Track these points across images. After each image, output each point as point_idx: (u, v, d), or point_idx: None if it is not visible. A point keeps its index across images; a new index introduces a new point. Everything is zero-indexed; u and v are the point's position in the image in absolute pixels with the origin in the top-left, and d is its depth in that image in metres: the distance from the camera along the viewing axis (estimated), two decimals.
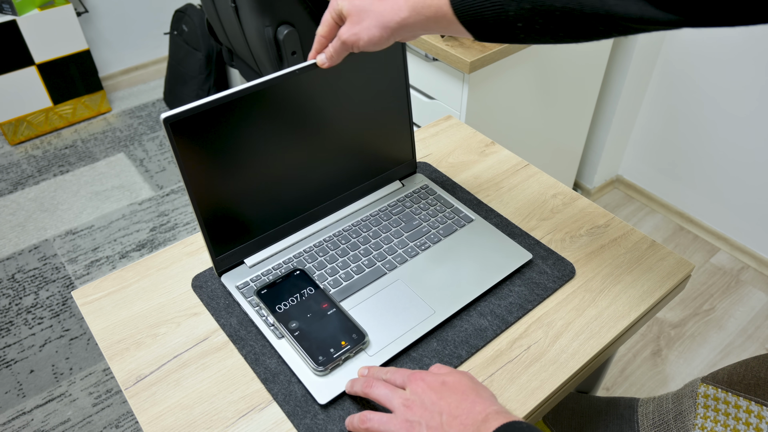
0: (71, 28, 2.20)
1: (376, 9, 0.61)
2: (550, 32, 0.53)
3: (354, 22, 0.62)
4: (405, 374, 0.56)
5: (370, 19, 0.61)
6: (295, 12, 1.47)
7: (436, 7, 0.57)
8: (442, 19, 0.58)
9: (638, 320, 0.71)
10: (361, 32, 0.62)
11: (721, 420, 0.66)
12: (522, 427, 0.48)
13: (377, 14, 0.61)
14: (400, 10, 0.60)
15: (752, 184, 1.68)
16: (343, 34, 0.63)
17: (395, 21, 0.60)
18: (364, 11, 0.61)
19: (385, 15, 0.60)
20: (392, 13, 0.60)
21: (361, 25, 0.61)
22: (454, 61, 1.21)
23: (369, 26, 0.61)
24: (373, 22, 0.61)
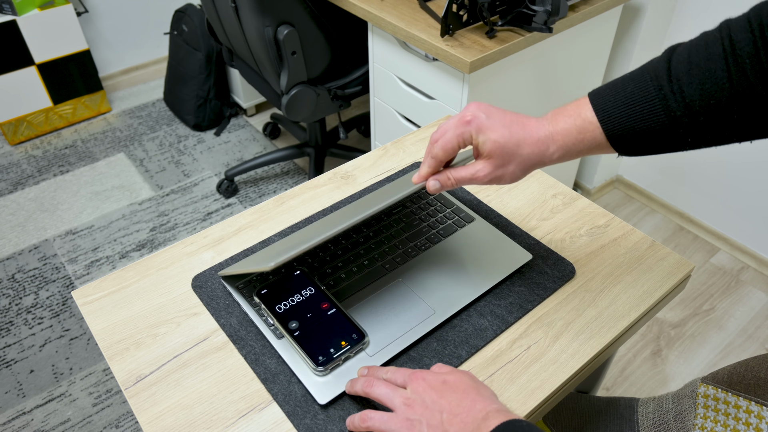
0: (71, 28, 2.20)
1: (524, 153, 0.56)
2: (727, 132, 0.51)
3: (497, 165, 0.56)
4: (406, 373, 0.56)
5: (516, 164, 0.56)
6: (295, 12, 1.47)
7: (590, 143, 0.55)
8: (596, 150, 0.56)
9: (638, 320, 0.71)
10: (505, 177, 0.57)
11: (721, 420, 0.66)
12: (522, 426, 0.48)
13: (525, 159, 0.56)
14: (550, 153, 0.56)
15: (752, 184, 1.68)
16: (482, 177, 0.57)
17: (544, 164, 0.57)
18: (511, 155, 0.56)
19: (533, 158, 0.56)
20: (542, 157, 0.56)
21: (506, 169, 0.57)
22: (454, 61, 1.21)
23: (514, 171, 0.57)
24: (518, 167, 0.57)
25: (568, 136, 0.56)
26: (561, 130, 0.56)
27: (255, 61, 1.66)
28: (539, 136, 0.56)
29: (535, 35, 1.28)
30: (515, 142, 0.56)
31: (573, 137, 0.55)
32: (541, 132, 0.56)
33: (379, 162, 0.93)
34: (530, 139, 0.56)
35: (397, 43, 1.39)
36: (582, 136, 0.55)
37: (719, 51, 0.50)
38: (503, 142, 0.55)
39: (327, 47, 1.59)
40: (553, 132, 0.56)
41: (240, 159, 2.24)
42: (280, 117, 2.29)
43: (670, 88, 0.51)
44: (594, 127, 0.55)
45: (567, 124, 0.56)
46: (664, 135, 0.53)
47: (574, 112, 0.56)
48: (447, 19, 1.22)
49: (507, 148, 0.56)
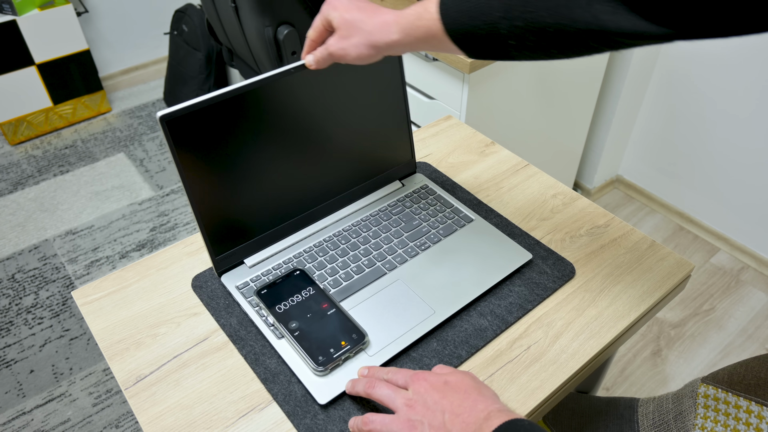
0: (71, 28, 2.20)
1: (366, 27, 0.60)
2: (542, 49, 0.53)
3: (342, 36, 0.61)
4: (407, 374, 0.56)
5: (359, 37, 0.61)
6: (295, 12, 1.47)
7: (426, 27, 0.57)
8: (433, 39, 0.58)
9: (638, 320, 0.71)
10: (349, 48, 0.61)
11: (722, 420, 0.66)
12: (524, 425, 0.48)
13: (366, 33, 0.60)
14: (390, 31, 0.59)
15: (752, 184, 1.68)
16: (331, 45, 0.62)
17: (384, 41, 0.60)
18: (354, 27, 0.61)
19: (374, 34, 0.60)
20: (382, 33, 0.60)
21: (350, 41, 0.61)
22: (454, 61, 1.21)
23: (357, 43, 0.61)
24: (361, 39, 0.61)
25: (407, 17, 0.59)
26: (404, 14, 0.60)
27: (255, 61, 1.66)
28: (385, 17, 0.60)
29: None
30: (360, 18, 0.61)
31: (411, 20, 0.59)
32: (387, 16, 0.61)
33: None
34: (375, 18, 0.60)
35: None
36: (419, 22, 0.58)
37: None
38: (348, 17, 0.61)
39: None
40: (397, 15, 0.60)
41: None
42: None
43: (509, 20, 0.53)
44: (432, 14, 0.57)
45: (410, 10, 0.59)
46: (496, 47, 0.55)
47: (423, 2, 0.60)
48: None
49: (350, 21, 0.61)
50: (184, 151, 0.64)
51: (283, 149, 0.72)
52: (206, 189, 0.67)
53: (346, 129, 0.77)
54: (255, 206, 0.72)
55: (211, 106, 0.64)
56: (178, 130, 0.62)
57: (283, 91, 0.69)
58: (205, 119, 0.64)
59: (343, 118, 0.76)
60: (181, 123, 0.62)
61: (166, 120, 0.61)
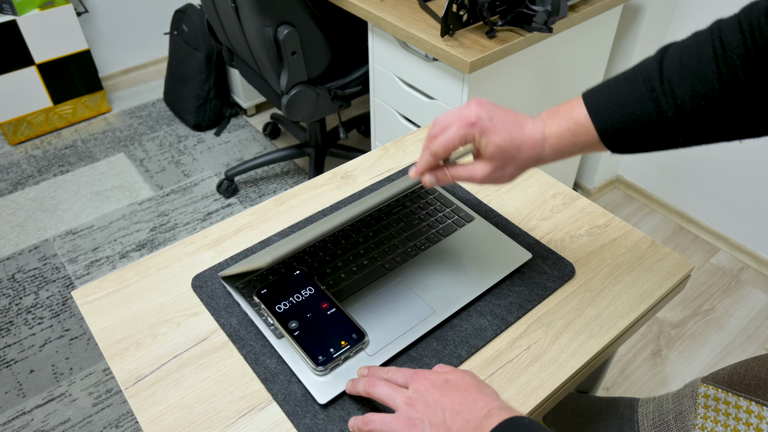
0: (71, 28, 2.20)
1: (523, 157, 0.57)
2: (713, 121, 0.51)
3: (497, 167, 0.58)
4: (407, 373, 0.56)
5: (514, 167, 0.58)
6: (295, 12, 1.47)
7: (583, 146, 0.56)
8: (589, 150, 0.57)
9: (638, 320, 0.71)
10: (503, 178, 0.59)
11: (722, 420, 0.66)
12: (524, 423, 0.48)
13: (522, 163, 0.58)
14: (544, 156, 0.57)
15: (752, 184, 1.68)
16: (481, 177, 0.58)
17: (538, 165, 0.59)
18: (511, 158, 0.57)
19: (529, 162, 0.58)
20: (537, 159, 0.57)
21: (504, 171, 0.58)
22: (454, 61, 1.21)
23: (511, 174, 0.58)
24: (516, 170, 0.58)
25: (562, 140, 0.57)
26: (555, 133, 0.57)
27: (255, 61, 1.66)
28: (536, 139, 0.57)
29: (535, 35, 1.28)
30: (516, 145, 0.57)
31: (567, 140, 0.57)
32: (537, 135, 0.57)
33: (379, 162, 0.93)
34: (529, 142, 0.57)
35: (397, 43, 1.39)
36: (575, 139, 0.56)
37: (710, 53, 0.50)
38: (505, 145, 0.56)
39: (327, 47, 1.59)
40: (548, 135, 0.57)
41: (240, 159, 2.24)
42: (280, 117, 2.29)
43: (662, 90, 0.52)
44: (587, 128, 0.56)
45: (560, 127, 0.57)
46: (656, 134, 0.54)
47: (567, 114, 0.57)
48: (447, 19, 1.22)
49: (508, 151, 0.57)
50: None
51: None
52: None
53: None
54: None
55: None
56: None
57: None
58: None
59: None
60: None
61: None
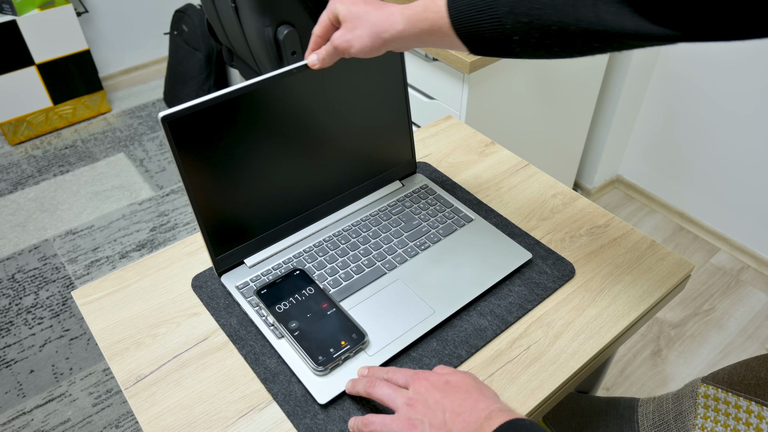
0: (71, 28, 2.20)
1: (372, 18, 0.60)
2: (545, 47, 0.53)
3: (348, 29, 0.61)
4: (408, 374, 0.56)
5: (364, 28, 0.61)
6: (295, 12, 1.47)
7: (432, 20, 0.57)
8: (438, 32, 0.58)
9: (638, 320, 0.71)
10: (354, 40, 0.61)
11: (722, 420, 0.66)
12: (525, 425, 0.48)
13: (372, 24, 0.60)
14: (395, 22, 0.60)
15: (752, 184, 1.68)
16: (336, 39, 0.62)
17: (389, 33, 0.60)
18: (359, 19, 0.61)
19: (379, 25, 0.60)
20: (387, 24, 0.60)
21: (354, 32, 0.61)
22: (454, 61, 1.21)
23: (362, 35, 0.61)
24: (366, 31, 0.61)
25: (413, 8, 0.59)
26: (410, 6, 0.60)
27: (255, 61, 1.66)
28: (391, 9, 0.61)
29: None
30: (365, 10, 0.61)
31: (418, 11, 0.59)
32: (393, 8, 0.61)
33: None
34: (381, 10, 0.61)
35: None
36: (426, 14, 0.58)
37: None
38: (355, 9, 0.61)
39: None
40: (403, 7, 0.60)
41: None
42: None
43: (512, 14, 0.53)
44: (439, 6, 0.57)
45: (417, 3, 0.59)
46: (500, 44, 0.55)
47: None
48: None
49: (356, 12, 0.61)
50: (186, 152, 0.64)
51: (284, 149, 0.72)
52: (207, 189, 0.67)
53: (347, 129, 0.77)
54: (255, 206, 0.72)
55: (212, 107, 0.64)
56: (179, 130, 0.62)
57: (284, 91, 0.69)
58: (207, 120, 0.64)
59: (344, 118, 0.76)
60: (183, 123, 0.62)
61: (168, 120, 0.61)
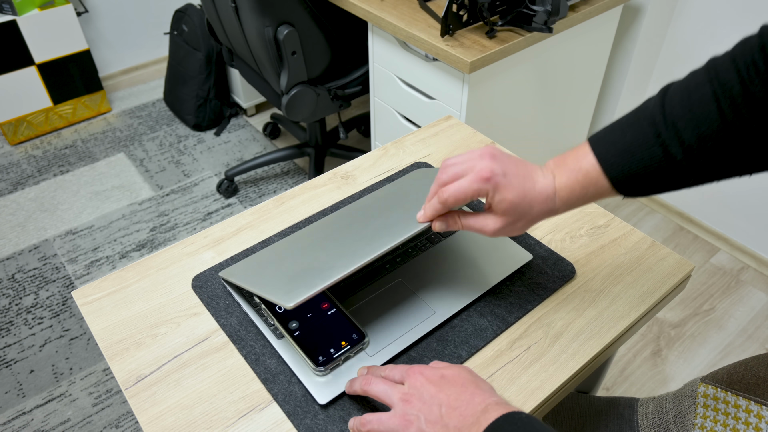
0: (71, 28, 2.20)
1: (534, 212, 0.58)
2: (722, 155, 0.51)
3: (509, 222, 0.58)
4: (403, 369, 0.56)
5: (525, 222, 0.58)
6: (295, 12, 1.47)
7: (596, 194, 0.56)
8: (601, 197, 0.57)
9: (638, 320, 0.71)
10: (513, 231, 0.59)
11: (721, 420, 0.66)
12: (522, 418, 0.48)
13: (534, 217, 0.58)
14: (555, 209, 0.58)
15: (752, 184, 1.68)
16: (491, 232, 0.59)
17: (546, 218, 0.59)
18: (523, 214, 0.57)
19: (541, 216, 0.58)
20: (547, 213, 0.58)
21: (515, 225, 0.58)
22: (454, 61, 1.21)
23: (522, 227, 0.59)
24: (527, 224, 0.59)
25: (573, 192, 0.57)
26: (565, 185, 0.58)
27: (255, 61, 1.66)
28: (548, 193, 0.58)
29: (535, 35, 1.28)
30: (528, 202, 0.57)
31: (577, 192, 0.57)
32: (548, 189, 0.58)
33: (379, 162, 0.93)
34: (540, 197, 0.58)
35: (397, 43, 1.39)
36: (585, 191, 0.57)
37: (709, 92, 0.51)
38: (518, 202, 0.57)
39: (327, 47, 1.59)
40: (558, 188, 0.58)
41: (240, 159, 2.24)
42: (280, 117, 2.29)
43: (668, 134, 0.53)
44: (596, 178, 0.56)
45: (570, 180, 0.57)
46: (667, 177, 0.54)
47: (575, 165, 0.57)
48: (447, 19, 1.22)
49: (521, 207, 0.57)
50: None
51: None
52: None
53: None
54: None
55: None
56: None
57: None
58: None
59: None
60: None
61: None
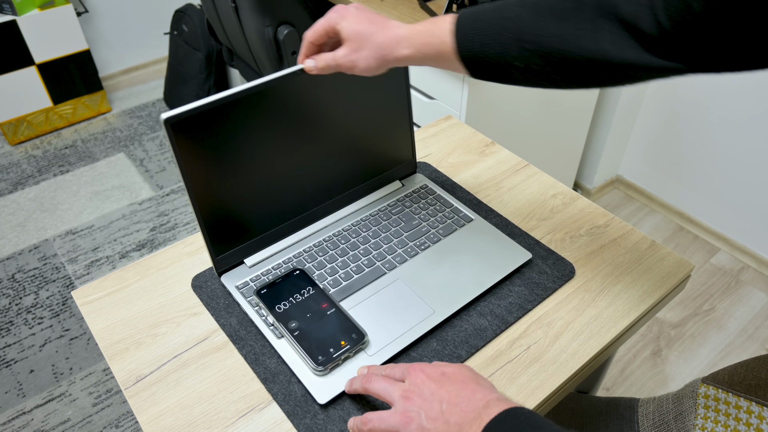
0: (71, 28, 2.20)
1: (377, 40, 0.60)
2: (546, 75, 0.53)
3: (352, 49, 0.61)
4: (404, 367, 0.56)
5: (370, 50, 0.60)
6: (295, 12, 1.47)
7: (437, 46, 0.57)
8: (441, 57, 0.58)
9: (638, 320, 0.71)
10: (359, 61, 0.61)
11: (722, 420, 0.66)
12: (523, 413, 0.48)
13: (377, 46, 0.60)
14: (401, 46, 0.59)
15: (752, 184, 1.68)
16: (339, 57, 0.62)
17: (394, 56, 0.60)
18: (365, 39, 0.60)
19: (385, 48, 0.60)
20: (393, 48, 0.60)
21: (360, 53, 0.61)
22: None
23: (367, 56, 0.61)
24: (372, 53, 0.60)
25: (419, 34, 0.59)
26: (416, 29, 0.60)
27: (255, 61, 1.66)
28: (396, 32, 0.60)
29: None
30: (371, 31, 0.60)
31: (423, 37, 0.59)
32: (399, 30, 0.60)
33: None
34: (386, 31, 0.60)
35: None
36: (431, 39, 0.58)
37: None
38: (360, 29, 0.60)
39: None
40: (409, 30, 0.60)
41: None
42: None
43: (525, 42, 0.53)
44: (444, 32, 0.57)
45: (422, 26, 0.59)
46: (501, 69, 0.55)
47: (435, 19, 0.59)
48: None
49: (362, 33, 0.60)
50: (187, 153, 0.64)
51: (284, 150, 0.72)
52: (208, 189, 0.67)
53: (348, 129, 0.77)
54: (256, 206, 0.72)
55: (213, 109, 0.64)
56: (181, 131, 0.62)
57: (284, 93, 0.69)
58: (208, 121, 0.64)
59: (345, 118, 0.76)
60: (185, 125, 0.62)
61: (170, 122, 0.61)
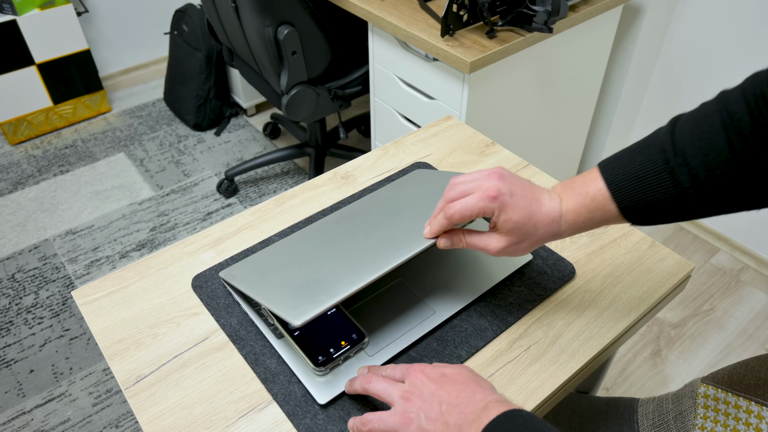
0: (71, 28, 2.20)
1: (539, 233, 0.58)
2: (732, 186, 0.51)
3: (512, 243, 0.58)
4: (404, 368, 0.56)
5: (529, 242, 0.58)
6: (295, 12, 1.47)
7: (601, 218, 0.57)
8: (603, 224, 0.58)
9: (638, 320, 0.71)
10: (517, 252, 0.59)
11: (721, 420, 0.66)
12: (522, 415, 0.48)
13: (538, 239, 0.58)
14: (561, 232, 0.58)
15: None
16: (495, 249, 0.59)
17: (551, 240, 0.59)
18: (528, 234, 0.57)
19: (546, 238, 0.58)
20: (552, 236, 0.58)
21: (518, 246, 0.58)
22: (454, 61, 1.21)
23: (526, 248, 0.59)
24: (530, 245, 0.59)
25: (579, 215, 0.58)
26: (571, 209, 0.58)
27: (255, 61, 1.66)
28: (553, 216, 0.58)
29: (535, 35, 1.28)
30: (533, 223, 0.57)
31: (583, 217, 0.57)
32: (554, 212, 0.58)
33: (379, 162, 0.93)
34: (546, 220, 0.58)
35: (398, 43, 1.39)
36: (591, 215, 0.57)
37: (718, 122, 0.52)
38: (523, 223, 0.57)
39: (327, 47, 1.59)
40: (564, 211, 0.58)
41: (240, 159, 2.24)
42: (280, 117, 2.29)
43: (676, 161, 0.53)
44: (603, 202, 0.56)
45: (576, 204, 0.57)
46: (675, 205, 0.55)
47: (583, 189, 0.58)
48: (447, 19, 1.22)
49: (526, 228, 0.57)
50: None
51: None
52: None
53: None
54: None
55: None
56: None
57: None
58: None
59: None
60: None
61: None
